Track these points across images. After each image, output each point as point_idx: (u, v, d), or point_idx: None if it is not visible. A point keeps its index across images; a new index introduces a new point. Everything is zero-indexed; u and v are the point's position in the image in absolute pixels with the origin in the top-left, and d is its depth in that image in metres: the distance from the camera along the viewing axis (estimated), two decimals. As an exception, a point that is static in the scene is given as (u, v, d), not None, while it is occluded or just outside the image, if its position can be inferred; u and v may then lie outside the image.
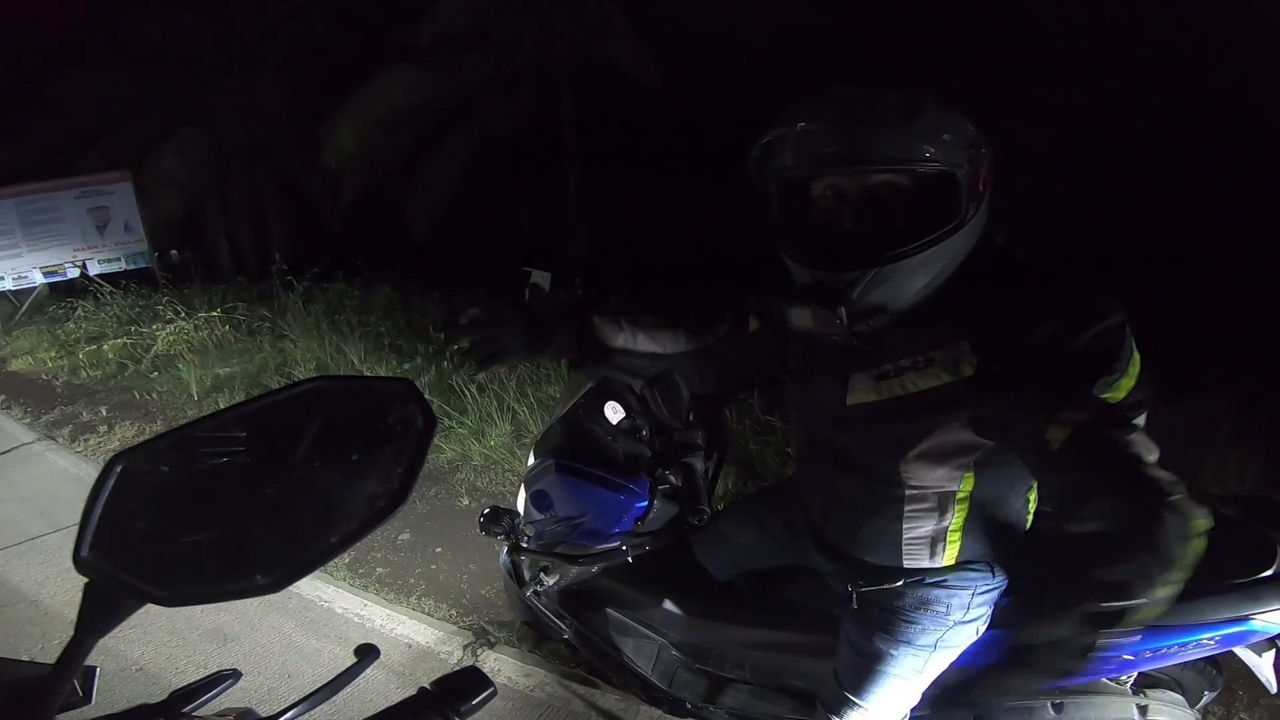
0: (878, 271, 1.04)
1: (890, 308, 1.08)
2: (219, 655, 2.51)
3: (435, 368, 4.73)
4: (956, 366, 1.07)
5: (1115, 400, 0.96)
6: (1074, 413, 0.96)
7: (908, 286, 1.07)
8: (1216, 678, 1.61)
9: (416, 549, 3.18)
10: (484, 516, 1.86)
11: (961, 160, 1.03)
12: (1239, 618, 1.35)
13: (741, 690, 1.73)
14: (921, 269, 1.06)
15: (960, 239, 1.06)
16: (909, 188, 1.06)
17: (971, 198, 1.05)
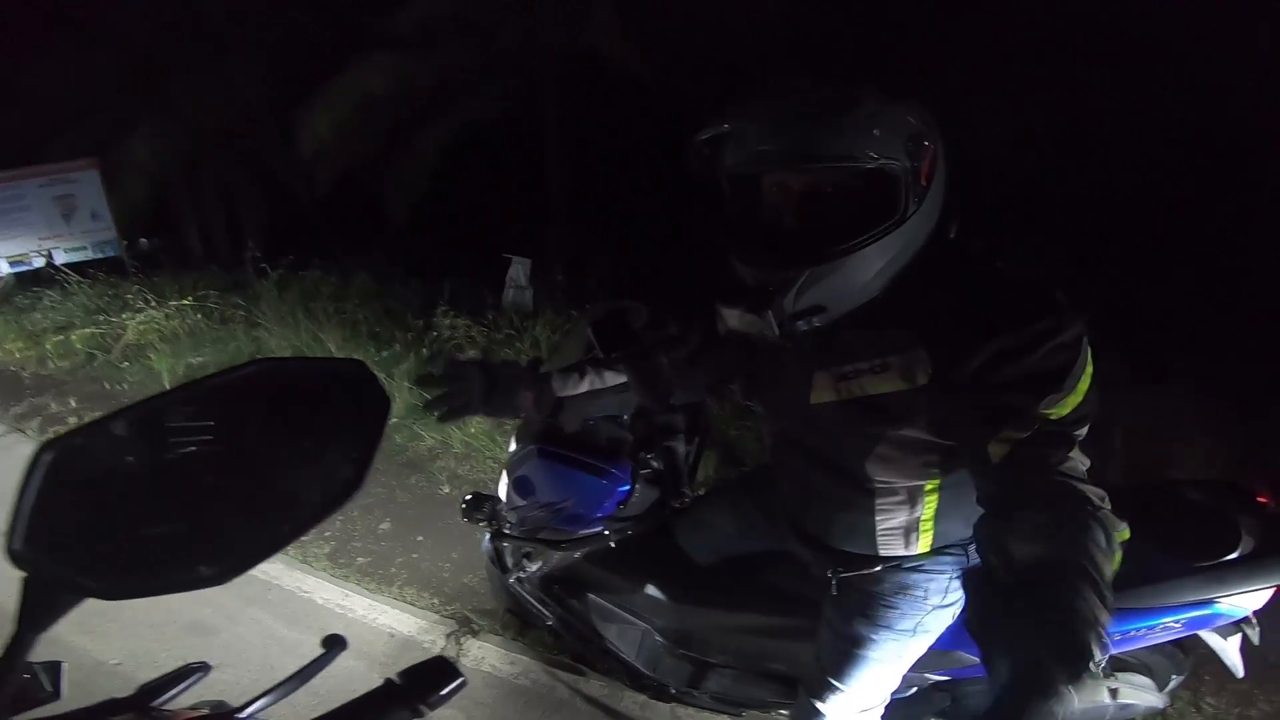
0: (812, 271, 1.02)
1: (831, 308, 1.06)
2: (199, 649, 2.47)
3: (414, 355, 4.69)
4: (912, 373, 1.05)
5: (1059, 416, 0.96)
6: (1015, 430, 0.96)
7: (848, 286, 1.05)
8: (1184, 661, 1.65)
9: (398, 538, 3.16)
10: (466, 503, 1.85)
11: (897, 154, 0.99)
12: (1204, 600, 1.39)
13: (724, 675, 1.74)
14: (861, 267, 1.03)
15: (900, 236, 1.03)
16: (840, 185, 1.03)
17: (911, 193, 1.02)
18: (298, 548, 3.03)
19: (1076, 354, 0.97)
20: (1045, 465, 0.95)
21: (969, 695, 1.62)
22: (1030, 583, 0.89)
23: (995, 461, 0.98)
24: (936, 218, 1.09)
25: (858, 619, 1.33)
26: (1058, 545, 0.90)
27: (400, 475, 3.68)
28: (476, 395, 1.37)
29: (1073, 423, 0.97)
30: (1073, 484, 0.95)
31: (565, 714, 2.16)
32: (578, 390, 1.48)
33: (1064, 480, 0.95)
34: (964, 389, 1.00)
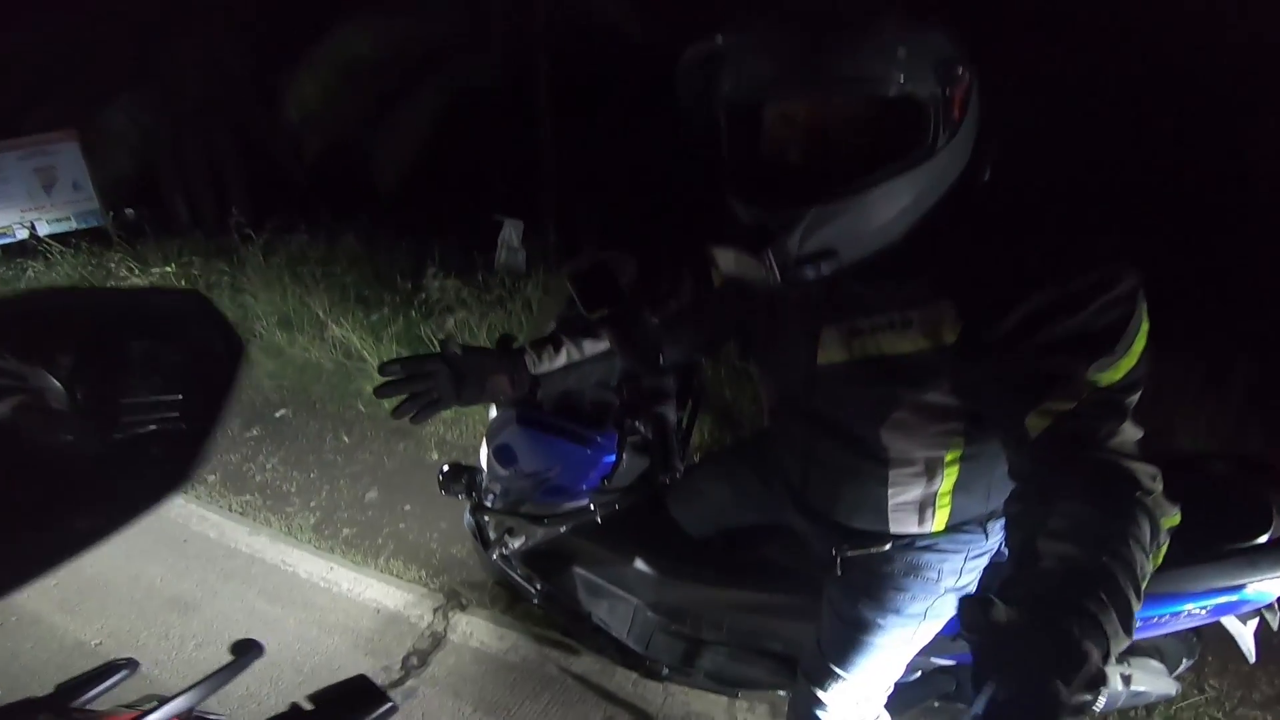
0: (821, 210, 0.88)
1: (843, 252, 0.91)
2: (181, 626, 2.40)
3: (403, 317, 4.57)
4: (938, 331, 0.92)
5: (1110, 383, 0.83)
6: (1059, 401, 0.83)
7: (863, 228, 0.90)
8: (1195, 645, 1.57)
9: (384, 507, 3.07)
10: (443, 474, 1.75)
11: (926, 80, 0.84)
12: (1233, 586, 1.30)
13: (719, 653, 1.66)
14: (879, 207, 0.89)
15: (927, 174, 0.89)
16: (858, 113, 0.88)
17: (942, 125, 0.87)
18: (282, 519, 2.96)
19: (1131, 310, 0.83)
20: (1092, 441, 0.82)
21: None
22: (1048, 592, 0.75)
23: (1034, 436, 0.85)
24: (969, 157, 0.94)
25: (864, 601, 1.23)
26: (1093, 548, 0.77)
27: (387, 442, 3.58)
28: (445, 390, 1.23)
29: (1124, 389, 0.84)
30: (1122, 464, 0.81)
31: (555, 691, 2.08)
32: (554, 366, 1.35)
33: (1112, 460, 0.81)
34: (998, 350, 0.87)
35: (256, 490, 3.21)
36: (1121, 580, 0.74)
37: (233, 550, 2.77)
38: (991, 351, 0.87)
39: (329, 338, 4.36)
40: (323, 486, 3.23)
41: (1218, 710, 2.02)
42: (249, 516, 3.01)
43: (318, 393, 4.10)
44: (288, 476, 3.32)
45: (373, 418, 3.81)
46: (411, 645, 2.28)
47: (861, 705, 1.34)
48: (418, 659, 2.22)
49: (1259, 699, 2.05)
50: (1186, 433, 2.92)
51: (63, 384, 0.52)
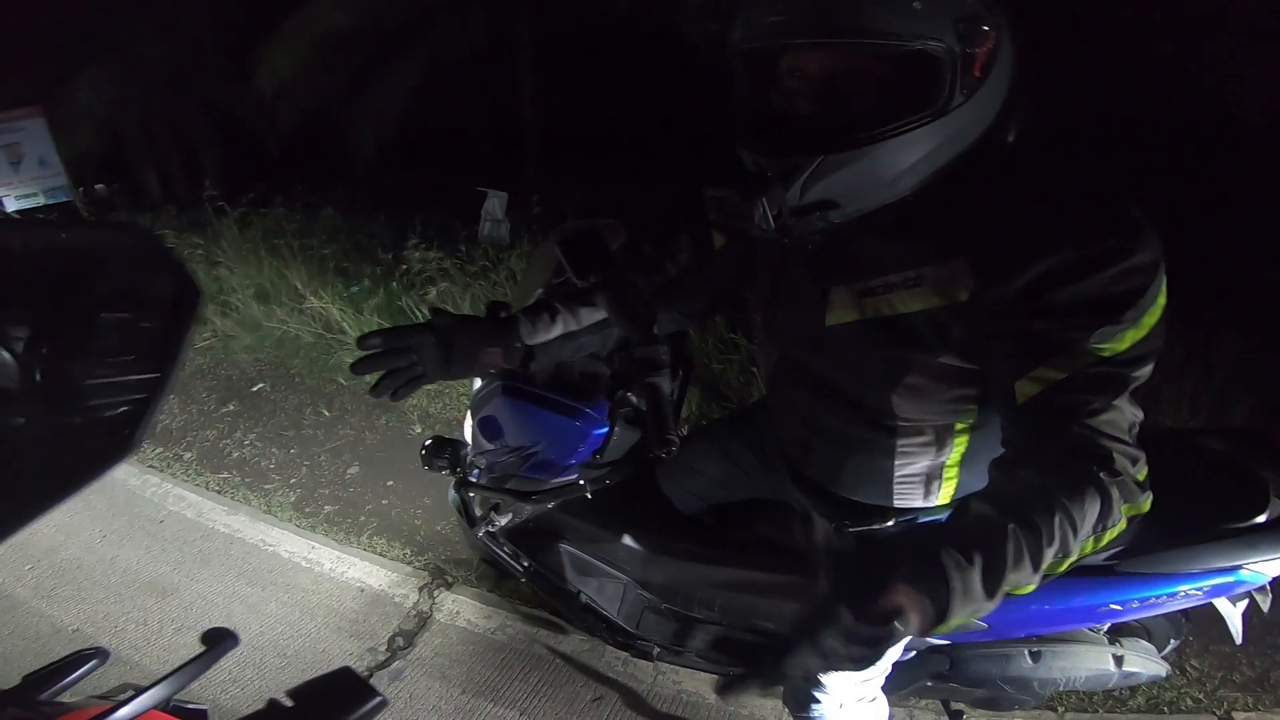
0: (825, 159, 0.85)
1: (845, 205, 0.88)
2: (159, 610, 2.34)
3: (384, 289, 4.47)
4: (951, 288, 0.88)
5: (1113, 353, 0.80)
6: (1055, 368, 0.81)
7: (867, 181, 0.87)
8: (1183, 625, 1.57)
9: (367, 483, 3.00)
10: (425, 449, 1.69)
11: (943, 35, 0.81)
12: (1230, 567, 1.28)
13: (711, 632, 1.63)
14: (884, 161, 0.85)
15: (939, 130, 0.85)
16: (867, 66, 0.85)
17: (959, 83, 0.83)
18: (261, 496, 2.89)
19: (1149, 281, 0.79)
20: (1074, 415, 0.81)
21: (968, 660, 1.52)
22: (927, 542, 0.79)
23: (1020, 403, 0.83)
24: (993, 116, 0.89)
25: None
26: (1007, 513, 0.79)
27: (369, 415, 3.51)
28: (431, 363, 1.15)
29: (1129, 361, 0.80)
30: (1098, 441, 0.80)
31: (543, 671, 2.04)
32: (550, 335, 1.28)
33: (1088, 436, 0.80)
34: (1004, 309, 0.83)
35: (234, 467, 3.13)
36: (1012, 547, 0.77)
37: (211, 530, 2.69)
38: (998, 310, 0.84)
39: (307, 310, 4.25)
40: (303, 463, 3.16)
41: (1199, 691, 2.02)
42: (227, 495, 2.93)
43: (296, 366, 4.01)
44: (266, 453, 3.24)
45: (353, 391, 3.73)
46: (397, 626, 2.23)
47: (860, 687, 1.30)
48: (403, 640, 2.17)
49: (1239, 680, 2.04)
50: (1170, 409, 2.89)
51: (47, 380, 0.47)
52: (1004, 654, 1.49)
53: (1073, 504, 0.78)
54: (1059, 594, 1.34)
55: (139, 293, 0.49)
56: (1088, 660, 1.49)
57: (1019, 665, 1.48)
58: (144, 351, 0.48)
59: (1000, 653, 1.49)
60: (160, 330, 0.49)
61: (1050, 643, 1.49)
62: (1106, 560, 1.31)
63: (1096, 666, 1.49)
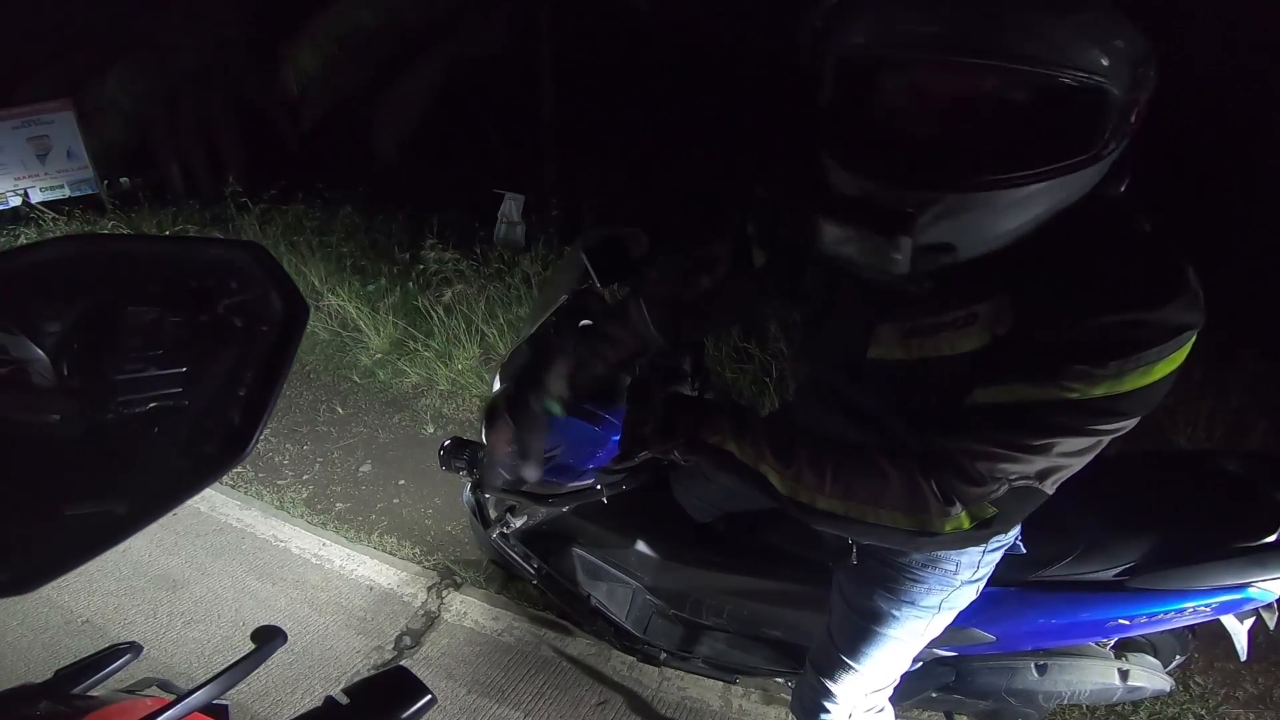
0: (954, 199, 0.77)
1: (960, 250, 0.80)
2: (170, 603, 2.36)
3: (400, 289, 4.51)
4: (996, 326, 0.83)
5: (1080, 397, 0.76)
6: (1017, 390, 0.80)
7: (992, 226, 0.79)
8: (1189, 641, 1.57)
9: (378, 481, 3.02)
10: (444, 449, 1.70)
11: (1124, 78, 0.73)
12: (1239, 585, 1.29)
13: (718, 639, 1.64)
14: (1017, 207, 0.78)
15: (1080, 179, 0.78)
16: (1039, 99, 0.74)
17: (1119, 130, 0.77)
18: (274, 492, 2.91)
19: (1158, 342, 0.74)
20: (988, 438, 0.81)
21: (974, 671, 1.53)
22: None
23: (971, 402, 0.83)
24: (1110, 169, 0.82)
25: (879, 592, 1.18)
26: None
27: (382, 414, 3.53)
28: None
29: (1093, 410, 0.77)
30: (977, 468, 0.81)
31: (549, 674, 2.04)
32: None
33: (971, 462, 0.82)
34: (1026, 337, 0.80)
35: (248, 463, 3.14)
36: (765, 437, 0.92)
37: (223, 525, 2.72)
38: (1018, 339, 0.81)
39: (324, 307, 4.29)
40: (316, 459, 3.18)
41: (1201, 708, 2.00)
42: (240, 490, 2.96)
43: (312, 363, 4.04)
44: (280, 449, 3.27)
45: (367, 389, 3.75)
46: (404, 624, 2.24)
47: (870, 697, 1.30)
48: (410, 639, 2.19)
49: (1243, 697, 2.03)
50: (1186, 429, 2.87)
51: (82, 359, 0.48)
52: (1010, 666, 1.49)
53: (865, 462, 0.85)
54: (1067, 608, 1.34)
55: (253, 306, 0.51)
56: (1093, 674, 1.49)
57: (1024, 678, 1.49)
58: (256, 362, 0.50)
59: (1006, 665, 1.49)
60: (272, 343, 0.50)
61: (1056, 656, 1.49)
62: (1116, 576, 1.31)
63: (1101, 681, 1.49)
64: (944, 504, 0.83)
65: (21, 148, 7.75)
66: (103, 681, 0.78)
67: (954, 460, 0.82)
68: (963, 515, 0.83)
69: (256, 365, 0.51)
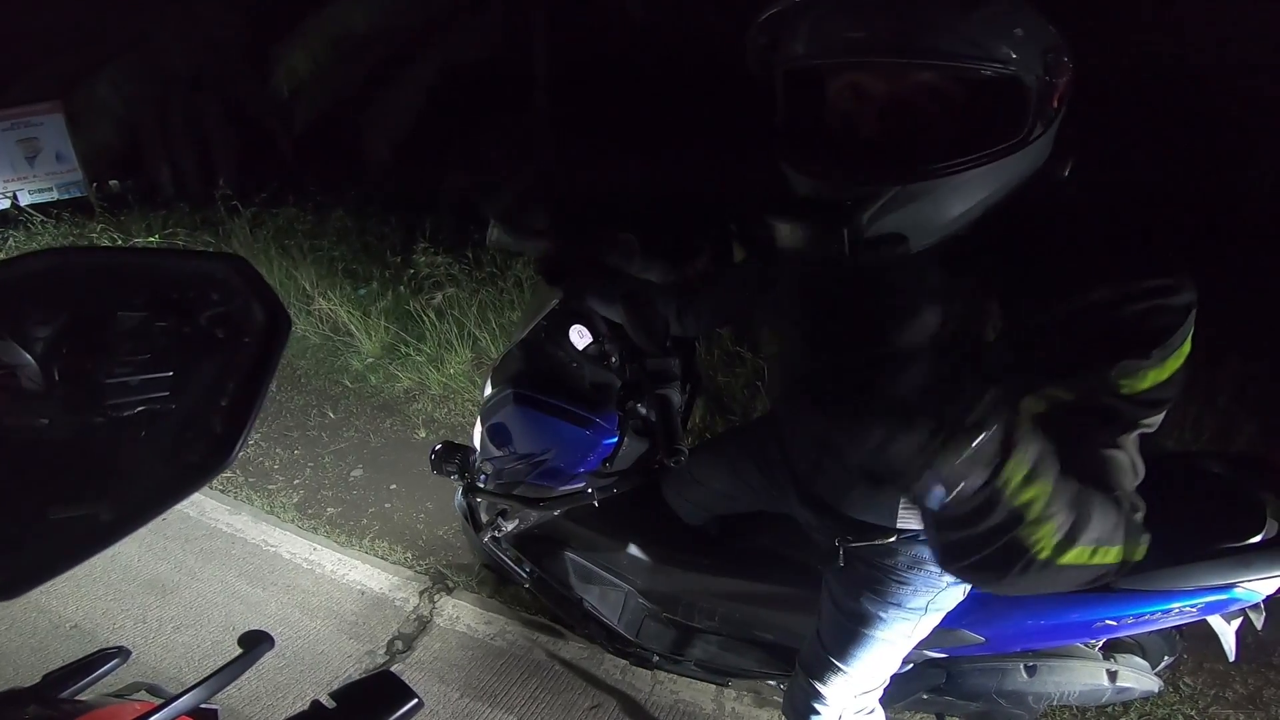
0: (900, 191, 0.80)
1: (911, 239, 0.83)
2: (159, 608, 2.35)
3: (392, 292, 4.49)
4: (978, 326, 0.84)
5: (1130, 391, 0.77)
6: (1066, 389, 0.77)
7: (938, 215, 0.83)
8: (1177, 642, 1.58)
9: (370, 486, 3.01)
10: (435, 453, 1.70)
11: (1035, 65, 0.78)
12: (1224, 585, 1.29)
13: (710, 642, 1.65)
14: (957, 195, 0.82)
15: (1014, 164, 0.82)
16: (960, 92, 0.81)
17: (1041, 114, 0.81)
18: (264, 497, 2.90)
19: (1180, 324, 0.76)
20: (1083, 439, 0.77)
21: (965, 673, 1.54)
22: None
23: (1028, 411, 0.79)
24: (1048, 152, 0.87)
25: (866, 594, 1.19)
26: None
27: (374, 418, 3.53)
28: None
29: (1144, 403, 0.77)
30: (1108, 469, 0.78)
31: (542, 678, 2.05)
32: None
33: (1099, 462, 0.78)
34: (1031, 342, 0.80)
35: (238, 467, 3.14)
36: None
37: (213, 529, 2.71)
38: (1024, 344, 0.81)
39: (315, 311, 4.28)
40: (306, 464, 3.17)
41: (1191, 708, 2.01)
42: (230, 494, 2.94)
43: (303, 367, 4.03)
44: (270, 453, 3.25)
45: (358, 394, 3.74)
46: (396, 629, 2.23)
47: (860, 699, 1.31)
48: (403, 643, 2.18)
49: (1232, 698, 2.04)
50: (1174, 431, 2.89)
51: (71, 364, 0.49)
52: (1000, 668, 1.50)
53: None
54: (1055, 609, 1.35)
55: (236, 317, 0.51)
56: (1082, 675, 1.50)
57: (1014, 679, 1.50)
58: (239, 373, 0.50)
59: (996, 667, 1.50)
60: (254, 354, 0.51)
61: (1045, 657, 1.50)
62: None
63: (1090, 682, 1.50)
64: (1137, 526, 0.80)
65: (10, 150, 7.71)
66: (91, 686, 0.78)
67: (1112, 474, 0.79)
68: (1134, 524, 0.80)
69: (239, 376, 0.51)
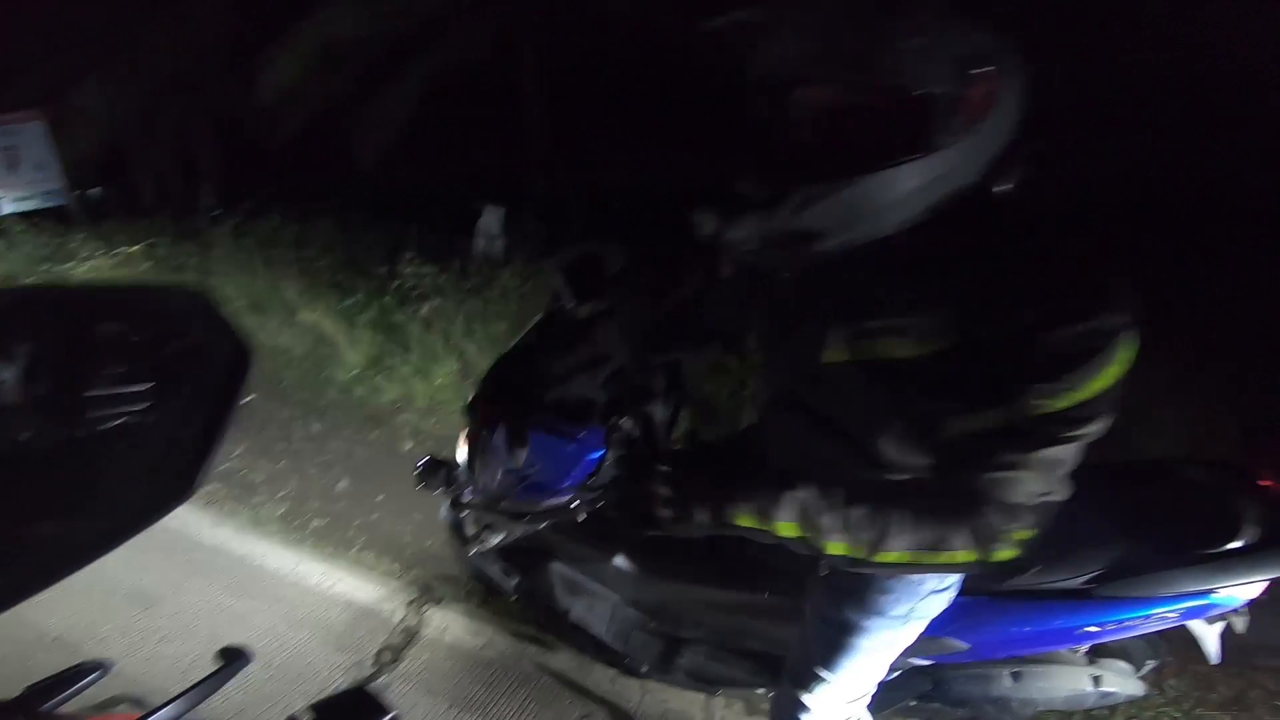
0: (807, 191, 0.85)
1: (830, 237, 0.87)
2: (143, 620, 2.32)
3: (377, 303, 4.47)
4: (934, 337, 0.89)
5: (1048, 411, 0.82)
6: (987, 418, 0.85)
7: (852, 215, 0.86)
8: (1159, 645, 1.60)
9: (356, 498, 2.99)
10: (420, 468, 1.70)
11: (931, 74, 0.80)
12: (1203, 591, 1.32)
13: (699, 651, 1.65)
14: (869, 196, 0.85)
15: (924, 170, 0.84)
16: (847, 101, 0.85)
17: (944, 127, 0.82)
18: (248, 509, 2.88)
19: (1104, 346, 0.80)
20: (984, 464, 0.86)
21: (951, 680, 1.56)
22: None
23: (944, 438, 0.89)
24: (985, 163, 0.88)
25: (848, 603, 1.21)
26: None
27: (360, 430, 3.51)
28: None
29: (1070, 421, 0.83)
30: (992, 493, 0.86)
31: (531, 688, 2.05)
32: None
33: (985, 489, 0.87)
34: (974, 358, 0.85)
35: (221, 479, 3.11)
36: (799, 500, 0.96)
37: (196, 542, 2.68)
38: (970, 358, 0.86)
39: (300, 323, 4.25)
40: (291, 476, 3.15)
41: (1177, 710, 2.04)
42: (213, 506, 2.91)
43: (287, 379, 4.00)
44: (254, 465, 3.23)
45: (344, 406, 3.73)
46: (384, 640, 2.22)
47: (847, 707, 1.32)
48: (390, 654, 2.17)
49: (1217, 699, 2.07)
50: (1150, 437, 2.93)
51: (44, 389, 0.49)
52: (986, 675, 1.52)
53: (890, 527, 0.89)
54: (1036, 616, 1.38)
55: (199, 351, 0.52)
56: (1067, 680, 1.52)
57: (1000, 686, 1.52)
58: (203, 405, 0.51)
59: (982, 673, 1.52)
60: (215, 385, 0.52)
61: (1030, 664, 1.52)
62: (1084, 584, 1.35)
63: (1075, 687, 1.52)
64: (994, 538, 0.87)
65: (-8, 158, 7.56)
66: (73, 698, 0.78)
67: (980, 494, 0.87)
68: (1012, 543, 0.87)
69: (204, 406, 0.53)
